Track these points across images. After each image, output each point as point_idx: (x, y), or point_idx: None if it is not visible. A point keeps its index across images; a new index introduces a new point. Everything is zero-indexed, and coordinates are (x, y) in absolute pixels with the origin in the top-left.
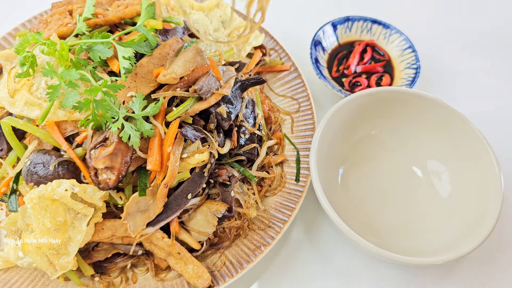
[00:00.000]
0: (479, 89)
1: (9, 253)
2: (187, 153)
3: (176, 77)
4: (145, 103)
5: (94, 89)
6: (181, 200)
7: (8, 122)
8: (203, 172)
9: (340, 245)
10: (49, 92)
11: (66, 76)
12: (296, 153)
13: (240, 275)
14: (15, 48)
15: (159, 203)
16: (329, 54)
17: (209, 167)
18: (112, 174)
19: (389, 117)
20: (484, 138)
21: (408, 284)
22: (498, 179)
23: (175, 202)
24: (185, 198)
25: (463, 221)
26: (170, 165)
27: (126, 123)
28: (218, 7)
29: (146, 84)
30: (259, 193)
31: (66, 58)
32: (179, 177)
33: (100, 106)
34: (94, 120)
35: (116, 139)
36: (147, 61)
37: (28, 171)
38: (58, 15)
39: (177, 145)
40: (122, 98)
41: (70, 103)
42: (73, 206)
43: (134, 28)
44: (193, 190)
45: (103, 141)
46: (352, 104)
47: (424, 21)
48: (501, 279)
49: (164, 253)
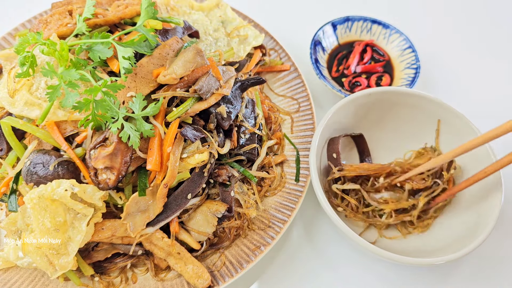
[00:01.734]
0: (479, 89)
1: (9, 253)
2: (187, 153)
3: (176, 77)
4: (145, 103)
5: (94, 89)
6: (181, 200)
7: (8, 122)
8: (203, 172)
9: (340, 245)
10: (49, 92)
11: (66, 76)
12: (296, 153)
13: (240, 275)
14: (15, 48)
15: (159, 203)
16: (329, 54)
17: (209, 167)
18: (111, 174)
19: (389, 117)
20: None
21: (408, 284)
22: (498, 179)
23: (175, 202)
24: (185, 198)
25: (463, 221)
26: (170, 165)
27: (126, 123)
28: (218, 7)
29: (146, 84)
30: (259, 193)
31: (66, 58)
32: (179, 177)
33: (100, 106)
34: (94, 120)
35: (116, 139)
36: (147, 61)
37: (28, 171)
38: (58, 15)
39: (177, 145)
40: (122, 98)
41: (70, 103)
42: (73, 206)
43: (134, 28)
44: (193, 190)
45: (103, 141)
46: (352, 104)
47: (424, 21)
48: (501, 279)
49: (164, 253)
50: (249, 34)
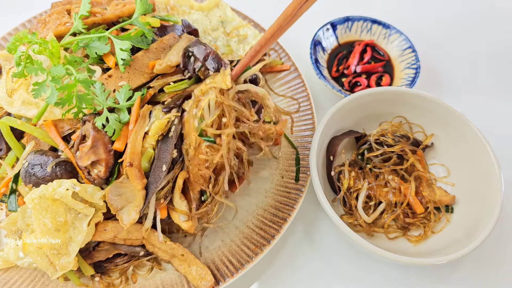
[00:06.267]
0: (479, 89)
1: (9, 253)
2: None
3: (172, 65)
4: (130, 93)
5: (68, 86)
6: (158, 175)
7: (6, 122)
8: (169, 137)
9: (340, 245)
10: (34, 89)
11: (53, 72)
12: (295, 153)
13: (240, 275)
14: (7, 47)
15: (136, 185)
16: (329, 54)
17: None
18: (100, 166)
19: (389, 117)
20: (484, 138)
21: (408, 284)
22: (498, 179)
23: (154, 179)
24: (161, 171)
25: (463, 221)
26: (130, 143)
27: (110, 114)
28: (218, 7)
29: (139, 76)
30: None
31: (58, 55)
32: (147, 155)
33: (84, 100)
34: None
35: (93, 131)
36: (143, 55)
37: (26, 172)
38: (56, 15)
39: (140, 124)
40: (113, 86)
41: (54, 99)
42: (74, 206)
43: (129, 21)
44: (164, 159)
45: (82, 139)
46: (352, 104)
47: (424, 21)
48: (501, 279)
49: (168, 255)
50: (248, 33)
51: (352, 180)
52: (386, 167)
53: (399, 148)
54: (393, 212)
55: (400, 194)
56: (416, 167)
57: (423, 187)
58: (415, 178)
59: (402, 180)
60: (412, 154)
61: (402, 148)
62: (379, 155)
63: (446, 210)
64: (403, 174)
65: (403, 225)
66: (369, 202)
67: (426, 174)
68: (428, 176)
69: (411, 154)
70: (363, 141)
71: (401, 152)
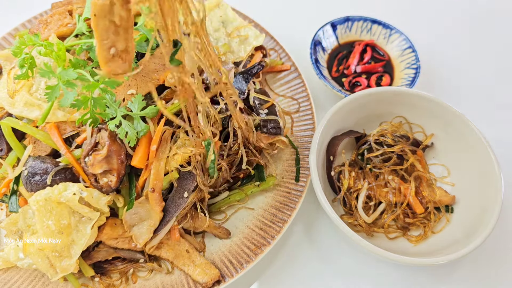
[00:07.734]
0: (479, 89)
1: (9, 254)
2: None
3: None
4: (144, 103)
5: (92, 85)
6: (178, 201)
7: (8, 123)
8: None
9: (340, 245)
10: (47, 93)
11: (64, 76)
12: (296, 153)
13: (240, 275)
14: (12, 50)
15: (155, 208)
16: (329, 54)
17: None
18: (112, 176)
19: (389, 117)
20: (484, 138)
21: (408, 284)
22: (498, 179)
23: (173, 204)
24: (182, 198)
25: (463, 221)
26: (154, 168)
27: (124, 120)
28: (218, 7)
29: (147, 83)
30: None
31: (64, 58)
32: (167, 178)
33: (98, 103)
34: (92, 117)
35: (108, 141)
36: (148, 61)
37: (27, 180)
38: (58, 16)
39: (163, 144)
40: (122, 95)
41: (69, 101)
42: (79, 210)
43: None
44: (187, 187)
45: (95, 146)
46: (352, 104)
47: (424, 21)
48: (501, 279)
49: (172, 254)
50: (249, 34)
51: (352, 180)
52: (386, 167)
53: (399, 148)
54: (393, 212)
55: (400, 194)
56: (416, 167)
57: (423, 187)
58: (415, 178)
59: (402, 180)
60: (412, 154)
61: (402, 148)
62: (379, 155)
63: (446, 210)
64: (403, 174)
65: (403, 225)
66: (369, 202)
67: (426, 174)
68: (428, 176)
69: (411, 154)
70: (363, 141)
71: (401, 152)
